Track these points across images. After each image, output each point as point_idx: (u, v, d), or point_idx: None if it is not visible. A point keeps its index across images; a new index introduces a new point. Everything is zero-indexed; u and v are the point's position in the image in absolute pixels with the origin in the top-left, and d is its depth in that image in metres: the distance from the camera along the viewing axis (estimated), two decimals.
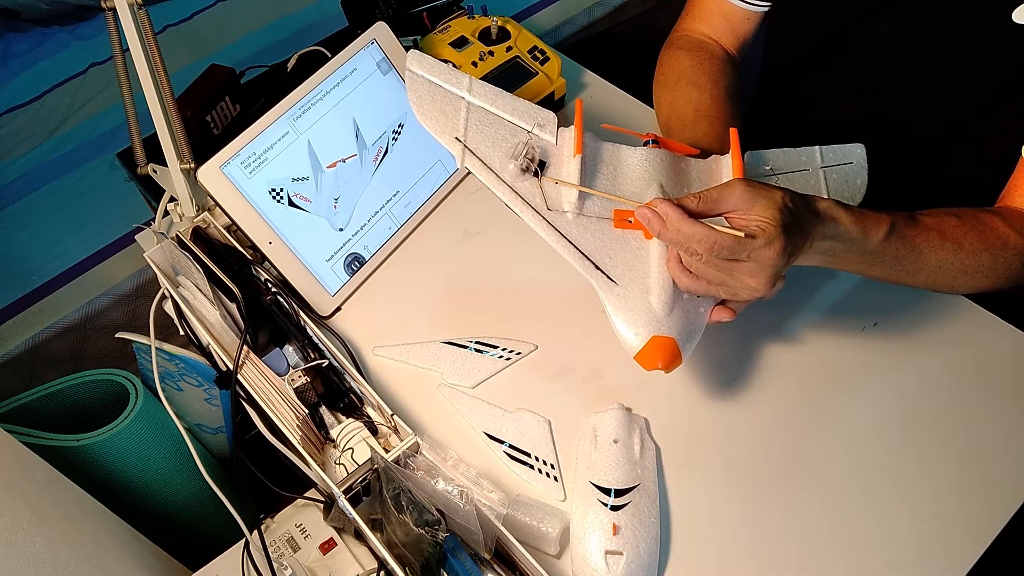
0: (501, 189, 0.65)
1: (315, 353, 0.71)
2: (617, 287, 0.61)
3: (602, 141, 0.70)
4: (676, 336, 0.59)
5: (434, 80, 0.70)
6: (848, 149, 0.73)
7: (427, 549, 0.54)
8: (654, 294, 0.60)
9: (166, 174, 0.76)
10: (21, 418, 0.80)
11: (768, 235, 0.55)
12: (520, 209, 0.65)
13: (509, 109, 0.70)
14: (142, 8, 0.68)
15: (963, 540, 0.62)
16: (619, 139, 0.71)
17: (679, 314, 0.60)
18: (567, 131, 0.69)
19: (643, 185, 0.67)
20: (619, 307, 0.61)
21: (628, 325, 0.60)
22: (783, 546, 0.62)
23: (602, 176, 0.68)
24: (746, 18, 0.86)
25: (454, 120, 0.68)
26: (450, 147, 0.67)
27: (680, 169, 0.70)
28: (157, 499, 0.87)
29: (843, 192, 0.72)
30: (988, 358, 0.72)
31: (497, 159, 0.67)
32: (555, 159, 0.68)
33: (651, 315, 0.60)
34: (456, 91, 0.70)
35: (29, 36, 1.32)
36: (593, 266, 0.62)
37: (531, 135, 0.69)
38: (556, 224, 0.64)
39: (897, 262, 0.65)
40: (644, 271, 0.62)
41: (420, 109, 0.69)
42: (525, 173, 0.66)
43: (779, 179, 0.72)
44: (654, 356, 0.59)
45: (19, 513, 0.61)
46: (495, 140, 0.68)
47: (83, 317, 0.94)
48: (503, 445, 0.68)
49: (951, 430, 0.67)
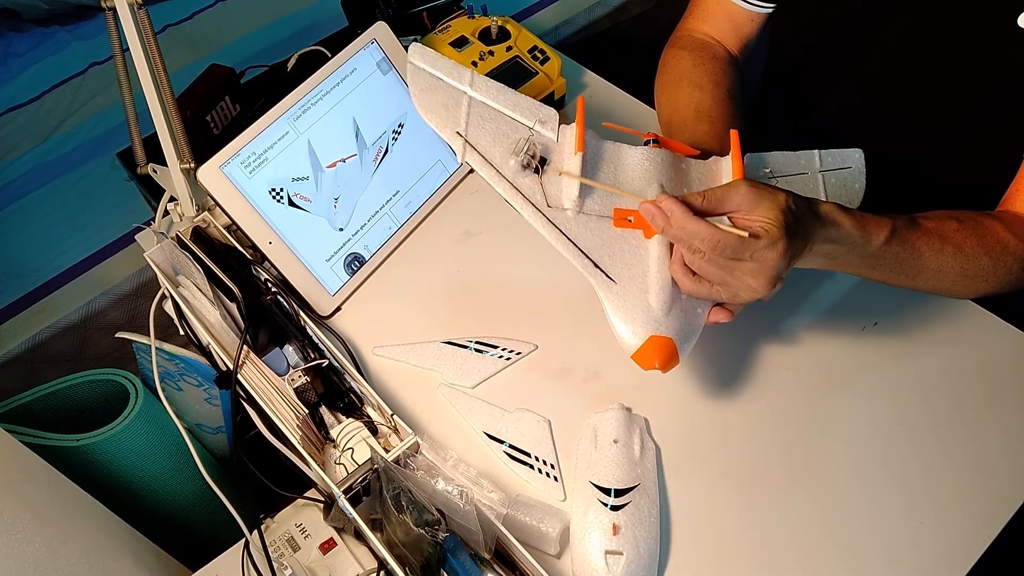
0: (501, 185, 0.65)
1: (315, 353, 0.71)
2: (616, 286, 0.61)
3: (603, 139, 0.70)
4: (674, 336, 0.59)
5: (436, 74, 0.70)
6: (847, 154, 0.74)
7: (427, 549, 0.54)
8: (652, 293, 0.60)
9: (166, 174, 0.76)
10: (21, 418, 0.80)
11: (771, 236, 0.55)
12: (520, 205, 0.64)
13: (511, 105, 0.70)
14: (142, 8, 0.69)
15: (963, 540, 0.62)
16: (620, 138, 0.71)
17: (677, 314, 0.60)
18: (568, 128, 0.69)
19: (644, 184, 0.67)
20: (617, 306, 0.61)
21: (626, 324, 0.60)
22: (783, 546, 0.62)
23: (603, 174, 0.68)
24: (750, 19, 0.86)
25: (455, 114, 0.68)
26: (451, 141, 0.67)
27: (680, 169, 0.70)
28: (157, 499, 0.87)
29: (841, 196, 0.72)
30: (988, 358, 0.72)
31: (498, 155, 0.67)
32: (556, 156, 0.68)
33: (649, 314, 0.60)
34: (458, 85, 0.70)
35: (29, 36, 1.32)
36: (592, 264, 0.62)
37: (532, 131, 0.69)
38: (556, 221, 0.64)
39: (897, 265, 0.65)
40: (643, 270, 0.62)
41: (421, 103, 0.69)
42: (526, 169, 0.66)
43: (778, 182, 0.72)
44: (651, 356, 0.59)
45: (19, 513, 0.61)
46: (496, 135, 0.68)
47: (83, 317, 0.94)
48: (503, 445, 0.68)
49: (951, 430, 0.67)
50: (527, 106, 0.70)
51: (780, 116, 0.94)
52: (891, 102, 0.81)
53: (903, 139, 0.81)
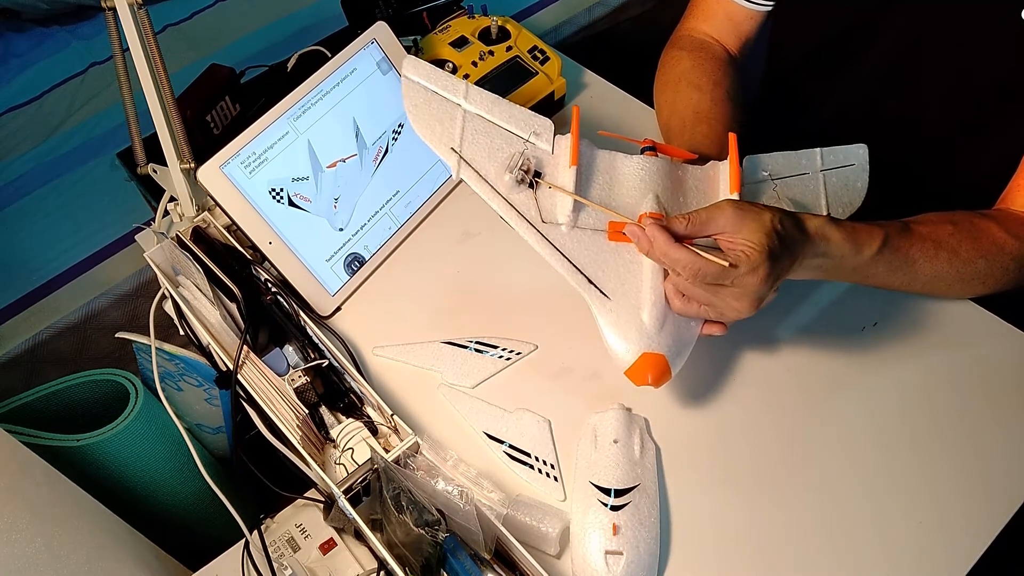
0: (496, 201, 0.65)
1: (315, 353, 0.71)
2: (610, 302, 0.62)
3: (598, 149, 0.70)
4: (666, 352, 0.61)
5: (430, 87, 0.70)
6: (850, 150, 0.73)
7: (427, 549, 0.54)
8: (646, 310, 0.61)
9: (166, 174, 0.76)
10: (21, 418, 0.80)
11: (752, 262, 0.56)
12: (515, 222, 0.65)
13: (505, 117, 0.70)
14: (142, 8, 0.68)
15: (963, 540, 0.62)
16: (616, 146, 0.71)
17: (670, 330, 0.62)
18: (564, 139, 0.69)
19: (639, 195, 0.67)
20: (611, 322, 0.62)
21: (620, 340, 0.61)
22: (783, 546, 0.62)
23: (597, 186, 0.68)
24: (749, 17, 0.86)
25: (450, 129, 0.68)
26: (446, 158, 0.67)
27: (677, 177, 0.70)
28: (157, 499, 0.87)
29: (842, 196, 0.72)
30: (988, 358, 0.71)
31: (492, 170, 0.67)
32: (550, 169, 0.68)
33: (642, 331, 0.61)
34: (452, 98, 0.70)
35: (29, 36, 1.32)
36: (587, 280, 0.63)
37: (527, 144, 0.69)
38: (550, 237, 0.64)
39: (890, 274, 0.65)
40: (637, 285, 0.63)
41: (416, 118, 0.68)
42: (520, 184, 0.66)
43: (777, 184, 0.72)
44: (644, 372, 0.60)
45: (19, 513, 0.61)
46: (491, 150, 0.68)
47: (83, 317, 0.94)
48: (503, 445, 0.68)
49: (951, 430, 0.67)
50: (522, 117, 0.70)
51: (780, 116, 0.94)
52: (891, 101, 0.81)
53: (904, 139, 0.81)
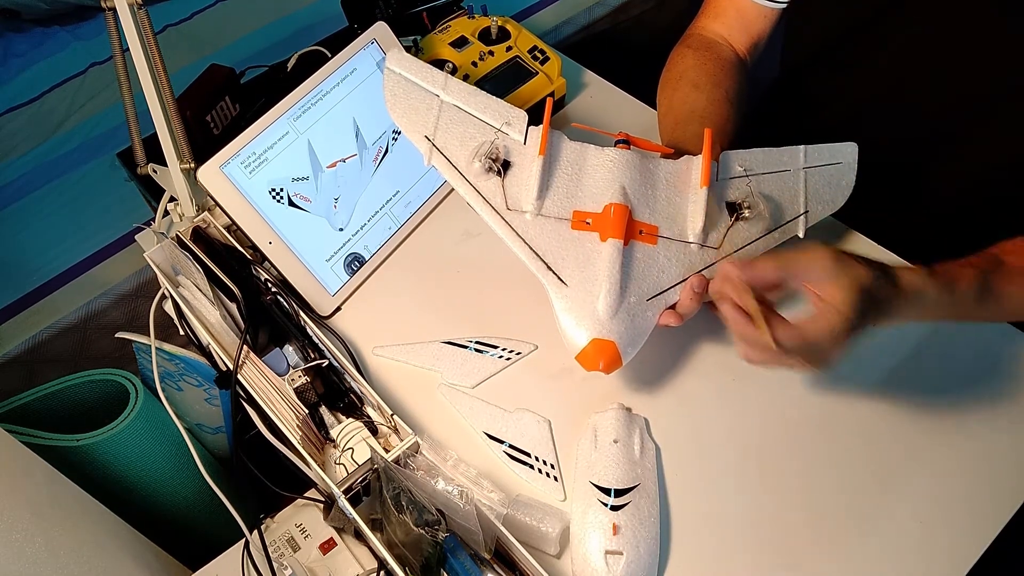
0: (463, 187, 0.67)
1: (315, 353, 0.71)
2: (566, 288, 0.64)
3: (570, 141, 0.71)
4: (617, 340, 0.61)
5: (411, 78, 0.72)
6: (838, 148, 0.73)
7: (427, 549, 0.54)
8: (600, 297, 0.62)
9: (166, 174, 0.76)
10: (21, 418, 0.80)
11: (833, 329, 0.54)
12: (479, 207, 0.67)
13: (481, 107, 0.72)
14: (142, 8, 0.68)
15: (963, 540, 0.62)
16: (591, 139, 0.71)
17: (623, 318, 0.62)
18: (536, 130, 0.71)
19: (605, 186, 0.68)
20: (565, 308, 0.63)
21: (572, 325, 0.62)
22: (783, 546, 0.62)
23: (563, 176, 0.69)
24: (761, 16, 0.85)
25: (425, 118, 0.70)
26: (419, 145, 0.69)
27: (648, 170, 0.70)
28: (157, 499, 0.87)
29: (824, 194, 0.72)
30: (988, 358, 0.72)
31: (463, 158, 0.69)
32: (519, 158, 0.70)
33: (595, 318, 0.62)
34: (431, 89, 0.72)
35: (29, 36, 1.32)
36: (545, 266, 0.64)
37: (498, 134, 0.70)
38: (513, 224, 0.66)
39: (981, 310, 0.63)
40: (594, 273, 0.64)
41: (393, 106, 0.71)
42: (489, 172, 0.68)
43: (751, 180, 0.71)
44: (595, 357, 0.61)
45: (19, 513, 0.61)
46: (463, 138, 0.70)
47: (83, 317, 0.94)
48: (503, 445, 0.68)
49: (951, 430, 0.67)
50: (497, 108, 0.72)
51: (789, 114, 0.94)
52: (901, 100, 0.81)
53: (910, 138, 0.81)
